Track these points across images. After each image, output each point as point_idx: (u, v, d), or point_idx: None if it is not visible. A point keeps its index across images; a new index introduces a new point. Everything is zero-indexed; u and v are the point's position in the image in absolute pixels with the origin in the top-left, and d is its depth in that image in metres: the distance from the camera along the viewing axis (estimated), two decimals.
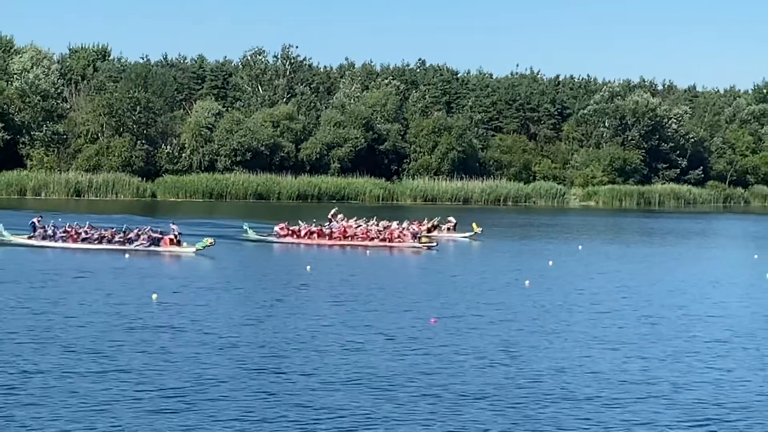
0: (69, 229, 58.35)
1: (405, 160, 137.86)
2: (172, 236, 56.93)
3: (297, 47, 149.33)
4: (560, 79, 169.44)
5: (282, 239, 65.05)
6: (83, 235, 57.50)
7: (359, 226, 67.51)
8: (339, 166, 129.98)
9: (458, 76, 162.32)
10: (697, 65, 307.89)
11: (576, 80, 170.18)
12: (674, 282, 48.56)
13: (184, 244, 56.72)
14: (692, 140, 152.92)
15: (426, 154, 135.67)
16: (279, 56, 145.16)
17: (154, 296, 37.67)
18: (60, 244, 57.32)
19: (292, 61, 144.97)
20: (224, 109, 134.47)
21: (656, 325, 34.78)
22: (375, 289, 42.12)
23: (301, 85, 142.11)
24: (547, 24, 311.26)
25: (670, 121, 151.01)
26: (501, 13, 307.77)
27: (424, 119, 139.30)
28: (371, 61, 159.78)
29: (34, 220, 60.68)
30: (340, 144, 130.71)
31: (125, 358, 26.77)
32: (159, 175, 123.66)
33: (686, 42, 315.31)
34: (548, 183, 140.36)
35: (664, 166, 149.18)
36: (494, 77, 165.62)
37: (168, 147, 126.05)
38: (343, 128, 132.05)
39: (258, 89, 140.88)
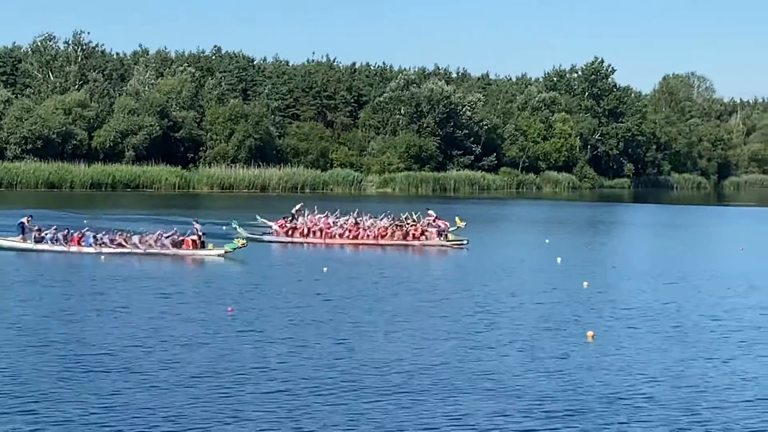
0: (68, 233, 52.31)
1: (201, 148, 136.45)
2: (194, 237, 51.56)
3: (89, 33, 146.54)
4: (356, 66, 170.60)
5: (279, 238, 60.07)
6: (86, 239, 51.80)
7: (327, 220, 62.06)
8: (134, 154, 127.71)
9: (254, 63, 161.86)
10: (489, 53, 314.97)
11: (372, 68, 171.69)
12: (479, 269, 49.20)
13: (210, 245, 51.64)
14: (486, 127, 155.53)
15: (222, 141, 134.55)
16: (70, 42, 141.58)
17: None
18: (57, 247, 51.63)
19: (84, 47, 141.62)
20: (13, 96, 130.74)
21: (469, 315, 34.97)
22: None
23: (94, 71, 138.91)
24: (343, 11, 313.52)
25: (464, 109, 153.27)
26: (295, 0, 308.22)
27: (220, 107, 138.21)
28: (166, 48, 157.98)
29: (23, 220, 54.73)
30: (135, 132, 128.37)
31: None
32: None
33: (479, 30, 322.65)
34: (345, 170, 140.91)
35: (459, 152, 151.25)
36: (291, 64, 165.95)
37: None
38: (138, 116, 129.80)
39: (49, 76, 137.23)
